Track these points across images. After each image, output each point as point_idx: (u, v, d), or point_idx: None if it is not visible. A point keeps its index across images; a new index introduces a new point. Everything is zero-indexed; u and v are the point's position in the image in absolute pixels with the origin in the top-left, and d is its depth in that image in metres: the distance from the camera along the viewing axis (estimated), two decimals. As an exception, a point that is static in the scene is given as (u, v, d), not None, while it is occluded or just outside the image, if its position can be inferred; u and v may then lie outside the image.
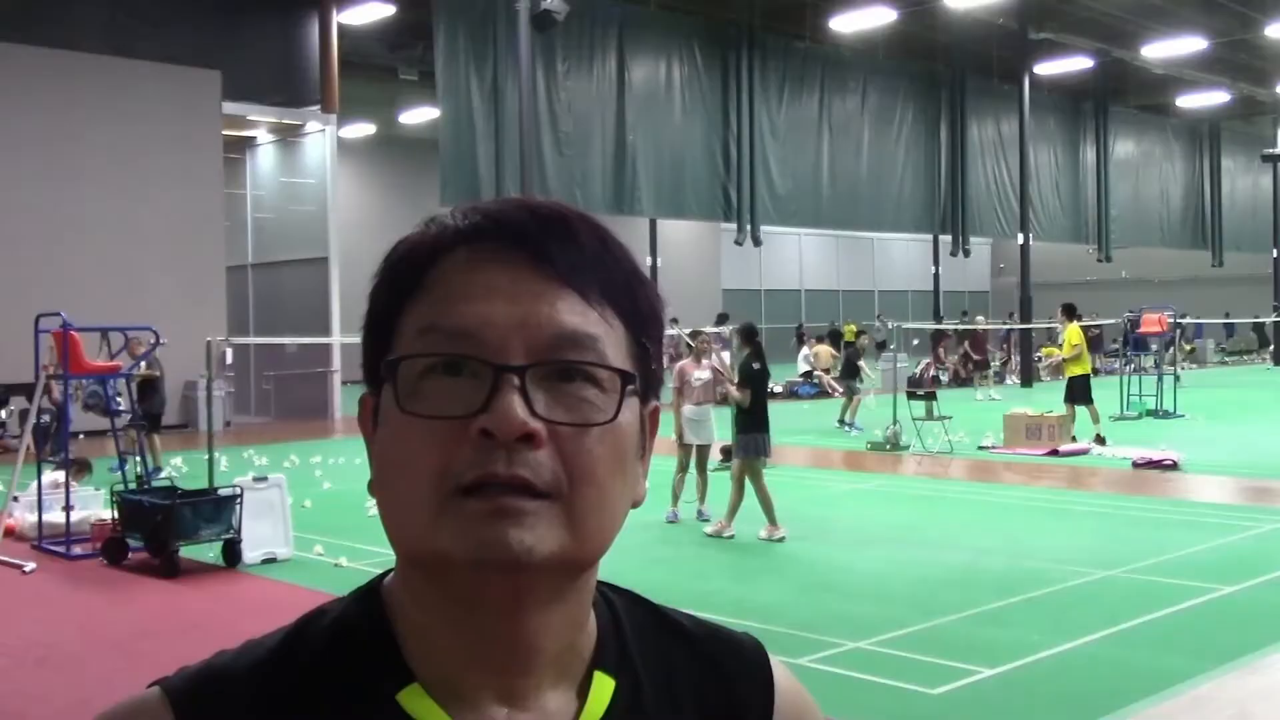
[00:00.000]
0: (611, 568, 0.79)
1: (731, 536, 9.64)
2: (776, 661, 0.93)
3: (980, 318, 30.26)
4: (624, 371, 0.76)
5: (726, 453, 13.43)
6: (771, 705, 0.90)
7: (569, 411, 0.74)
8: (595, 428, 0.75)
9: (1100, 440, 15.47)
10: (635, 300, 0.80)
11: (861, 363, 19.41)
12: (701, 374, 10.50)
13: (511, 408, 0.72)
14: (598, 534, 0.76)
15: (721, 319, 25.77)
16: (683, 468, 10.46)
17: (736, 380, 10.04)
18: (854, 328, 27.03)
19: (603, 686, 0.81)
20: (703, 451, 10.57)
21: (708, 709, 0.86)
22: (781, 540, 9.52)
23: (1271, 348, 36.87)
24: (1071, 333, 16.08)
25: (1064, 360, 16.48)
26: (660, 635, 0.88)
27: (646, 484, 0.83)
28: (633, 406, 0.78)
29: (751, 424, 9.73)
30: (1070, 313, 16.43)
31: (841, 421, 18.37)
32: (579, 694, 0.81)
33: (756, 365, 9.87)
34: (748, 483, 9.70)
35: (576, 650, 0.81)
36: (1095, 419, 15.79)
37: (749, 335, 10.24)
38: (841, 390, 19.69)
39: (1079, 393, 15.78)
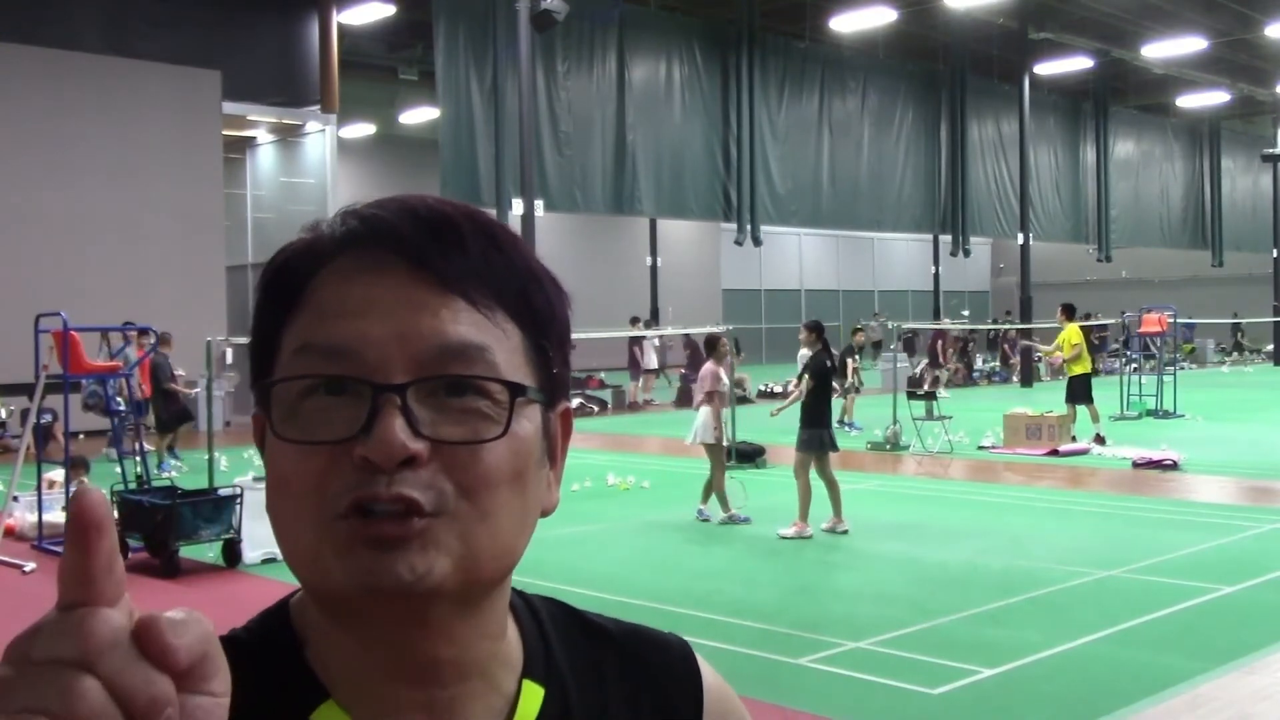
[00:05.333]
0: (609, 569, 0.79)
1: (810, 535, 9.60)
2: (703, 660, 0.90)
3: (943, 320, 30.73)
4: (514, 384, 0.71)
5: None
6: (701, 704, 0.88)
7: (457, 426, 0.70)
8: (488, 441, 0.70)
9: (1100, 440, 15.48)
10: (530, 301, 0.75)
11: (852, 360, 19.41)
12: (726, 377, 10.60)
13: (392, 431, 0.68)
14: (495, 549, 0.71)
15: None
16: (722, 468, 10.42)
17: (804, 374, 10.09)
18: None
19: (531, 695, 0.79)
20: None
21: (638, 711, 0.85)
22: (845, 533, 9.66)
23: (1271, 347, 36.87)
24: (1071, 332, 16.08)
25: (1064, 360, 16.48)
26: (586, 640, 0.85)
27: (558, 492, 0.79)
28: (532, 415, 0.74)
29: (819, 419, 9.77)
30: (1070, 313, 16.44)
31: (840, 421, 18.39)
32: (508, 704, 0.78)
33: (829, 362, 10.02)
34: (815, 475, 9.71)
35: (501, 660, 0.78)
36: (1095, 418, 15.79)
37: (820, 330, 10.30)
38: (839, 390, 19.70)
39: (1079, 392, 15.80)
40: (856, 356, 20.16)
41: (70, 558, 0.52)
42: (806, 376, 9.88)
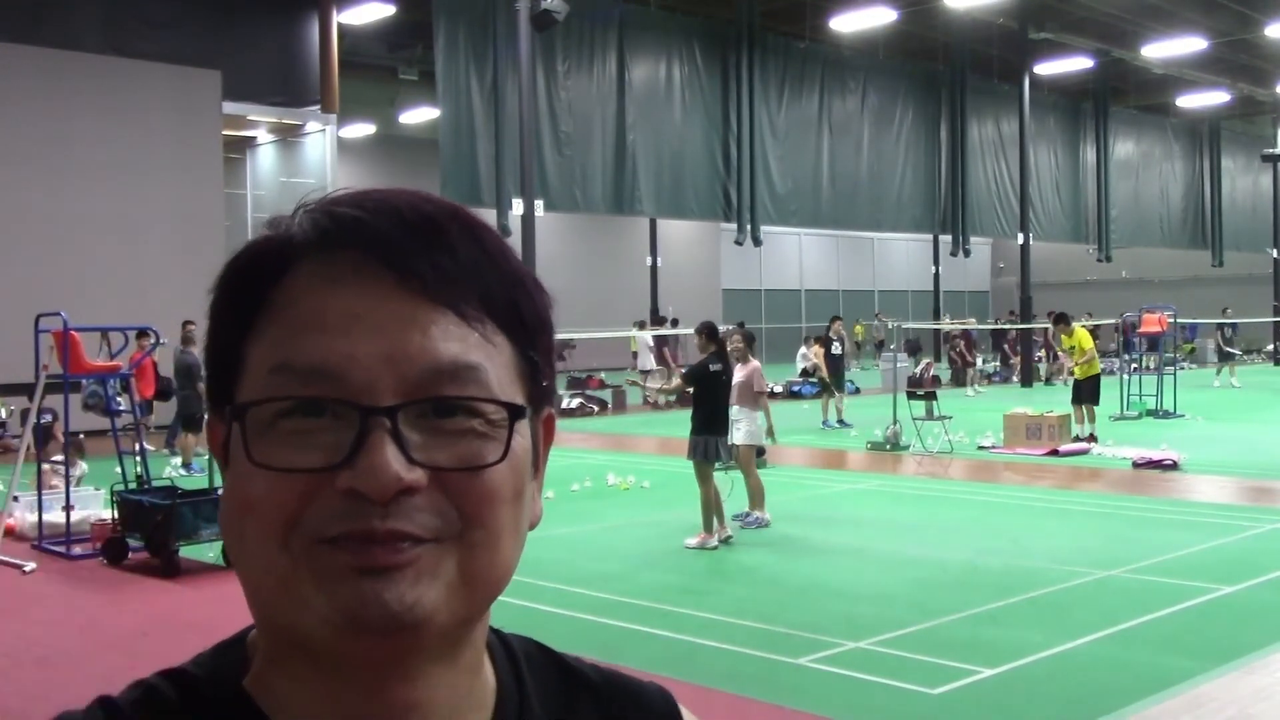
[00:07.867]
0: (609, 569, 0.78)
1: (715, 547, 9.34)
2: (685, 711, 0.85)
3: (972, 319, 30.80)
4: (513, 406, 0.67)
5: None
6: None
7: (451, 449, 0.65)
8: (490, 466, 0.66)
9: (1092, 438, 15.62)
10: (520, 311, 0.70)
11: (820, 344, 19.47)
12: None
13: (384, 459, 0.62)
14: (492, 575, 0.67)
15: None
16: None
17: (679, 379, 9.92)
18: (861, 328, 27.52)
19: None
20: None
21: None
22: (714, 549, 9.24)
23: (1271, 348, 36.82)
24: (1082, 338, 16.27)
25: (1076, 364, 16.59)
26: (564, 685, 0.80)
27: (541, 501, 0.75)
28: (524, 430, 0.69)
29: (701, 425, 9.40)
30: (1066, 321, 16.70)
31: (825, 422, 18.52)
32: None
33: (715, 366, 9.56)
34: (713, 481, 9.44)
35: (474, 703, 0.73)
36: (1091, 418, 15.95)
37: (714, 334, 9.81)
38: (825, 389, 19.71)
39: (1088, 393, 15.97)
40: (837, 345, 19.93)
41: None
42: (678, 379, 9.63)
